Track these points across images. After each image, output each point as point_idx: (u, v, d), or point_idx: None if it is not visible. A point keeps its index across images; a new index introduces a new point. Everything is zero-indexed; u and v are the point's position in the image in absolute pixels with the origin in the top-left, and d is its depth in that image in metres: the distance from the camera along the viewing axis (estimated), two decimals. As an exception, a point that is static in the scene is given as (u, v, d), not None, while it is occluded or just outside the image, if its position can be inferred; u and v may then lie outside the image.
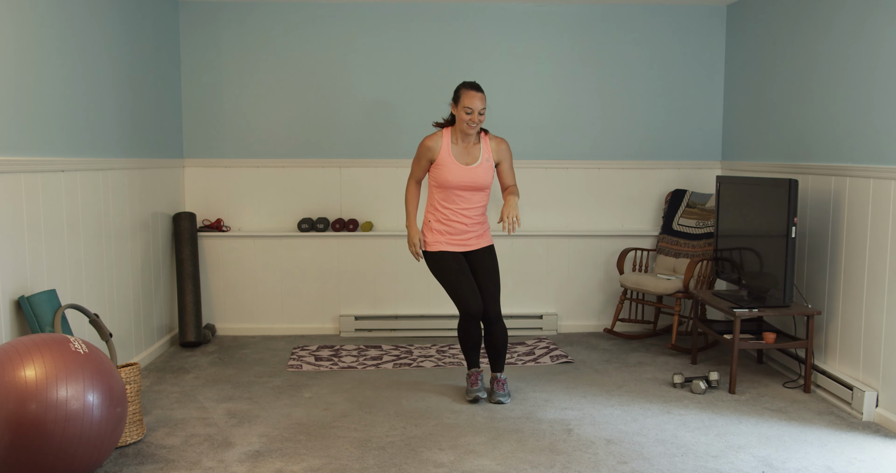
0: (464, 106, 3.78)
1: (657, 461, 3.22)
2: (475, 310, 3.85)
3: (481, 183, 3.87)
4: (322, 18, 5.40)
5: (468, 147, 3.89)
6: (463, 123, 3.79)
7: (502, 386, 4.00)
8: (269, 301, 5.49)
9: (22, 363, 2.68)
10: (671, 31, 5.52)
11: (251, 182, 5.49)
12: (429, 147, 3.89)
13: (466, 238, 3.91)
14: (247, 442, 3.41)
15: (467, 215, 3.89)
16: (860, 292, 3.89)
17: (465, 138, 3.88)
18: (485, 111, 3.80)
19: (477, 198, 3.90)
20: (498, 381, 4.01)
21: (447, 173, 3.84)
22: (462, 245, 3.91)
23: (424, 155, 3.91)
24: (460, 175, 3.83)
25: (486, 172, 3.88)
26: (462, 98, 3.79)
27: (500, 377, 4.02)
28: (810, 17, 4.38)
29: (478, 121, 3.79)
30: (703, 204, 5.33)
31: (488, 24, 5.46)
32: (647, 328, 5.56)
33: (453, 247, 3.90)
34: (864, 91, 3.88)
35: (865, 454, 3.32)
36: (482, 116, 3.79)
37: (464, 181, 3.84)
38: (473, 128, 3.81)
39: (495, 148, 3.92)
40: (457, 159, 3.85)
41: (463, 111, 3.78)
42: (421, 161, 3.93)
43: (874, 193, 3.77)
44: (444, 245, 3.90)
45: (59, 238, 3.62)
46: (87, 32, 3.93)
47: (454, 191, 3.86)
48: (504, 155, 3.94)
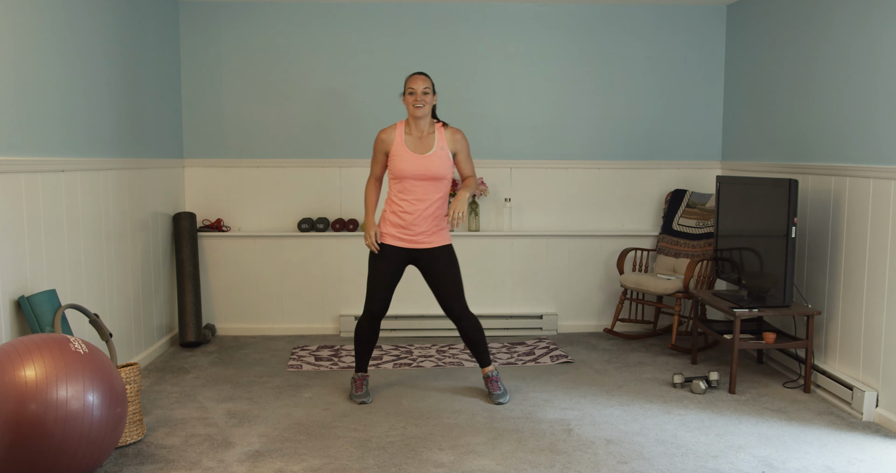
0: (407, 88, 3.81)
1: (657, 461, 3.22)
2: (376, 309, 3.90)
3: (436, 172, 3.81)
4: (322, 18, 5.40)
5: (422, 137, 3.86)
6: (409, 105, 3.81)
7: (497, 384, 3.96)
8: (269, 301, 5.49)
9: (22, 363, 2.68)
10: (671, 31, 5.52)
11: (251, 182, 5.49)
12: (383, 139, 3.88)
13: (418, 232, 3.84)
14: (247, 442, 3.41)
15: (423, 209, 3.83)
16: (860, 293, 3.89)
17: (418, 127, 3.86)
18: (430, 92, 3.79)
19: (434, 189, 3.83)
20: (490, 380, 3.97)
21: (400, 162, 3.81)
22: (413, 241, 3.86)
23: (380, 148, 3.89)
24: (414, 164, 3.80)
25: (442, 162, 3.83)
26: (406, 84, 3.84)
27: (493, 374, 3.98)
28: (810, 17, 4.38)
29: (422, 101, 3.78)
30: (703, 204, 5.33)
31: (488, 24, 5.46)
32: (647, 328, 5.56)
33: (403, 243, 3.86)
34: (864, 91, 3.88)
35: (865, 454, 3.32)
36: (426, 95, 3.78)
37: (418, 170, 3.80)
38: (419, 109, 3.78)
39: (450, 138, 3.88)
40: (410, 149, 3.83)
41: (407, 93, 3.81)
42: (377, 155, 3.92)
43: (874, 193, 3.77)
44: (393, 239, 3.86)
45: (59, 238, 3.62)
46: (87, 32, 3.93)
47: (409, 181, 3.82)
48: (460, 146, 3.90)
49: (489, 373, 4.00)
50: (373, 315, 3.92)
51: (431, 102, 3.83)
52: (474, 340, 3.95)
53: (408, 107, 3.83)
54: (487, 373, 4.00)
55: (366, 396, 3.97)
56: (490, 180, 5.52)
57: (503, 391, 3.97)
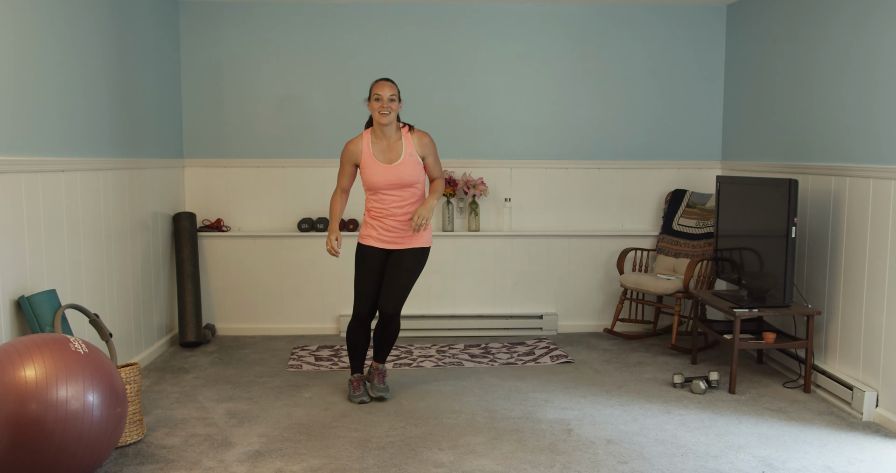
0: (373, 94, 3.76)
1: (657, 461, 3.22)
2: (364, 312, 3.90)
3: (407, 180, 3.79)
4: (322, 18, 5.40)
5: (390, 144, 3.82)
6: (375, 111, 3.75)
7: (382, 379, 4.05)
8: (269, 301, 5.49)
9: (22, 363, 2.68)
10: (671, 31, 5.52)
11: (251, 182, 5.49)
12: (350, 150, 3.84)
13: (395, 236, 3.85)
14: (247, 442, 3.41)
15: (400, 212, 3.82)
16: (860, 293, 3.89)
17: (385, 135, 3.81)
18: (396, 98, 3.74)
19: (408, 194, 3.82)
20: (378, 373, 4.05)
21: (372, 175, 3.78)
22: (390, 242, 3.87)
23: (348, 159, 3.86)
24: (384, 175, 3.77)
25: (412, 168, 3.80)
26: (372, 89, 3.78)
27: (381, 368, 4.07)
28: (810, 17, 4.38)
29: (388, 108, 3.73)
30: (703, 204, 5.33)
31: (488, 24, 5.46)
32: (647, 328, 5.56)
33: (383, 244, 3.87)
34: (864, 91, 3.88)
35: (865, 454, 3.32)
36: (392, 102, 3.72)
37: (389, 180, 3.77)
38: (385, 116, 3.73)
39: (417, 142, 3.84)
40: (378, 159, 3.79)
41: (374, 100, 3.75)
42: (345, 167, 3.88)
43: (874, 193, 3.77)
44: (373, 240, 3.87)
45: (59, 238, 3.62)
46: (87, 32, 3.93)
47: (382, 191, 3.80)
48: (428, 149, 3.87)
49: (380, 366, 4.09)
50: (361, 317, 3.93)
51: (397, 110, 3.76)
52: (388, 341, 4.04)
53: (373, 113, 3.77)
54: (378, 367, 4.08)
55: (364, 395, 3.98)
56: (490, 180, 5.52)
57: (386, 386, 4.03)
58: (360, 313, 3.93)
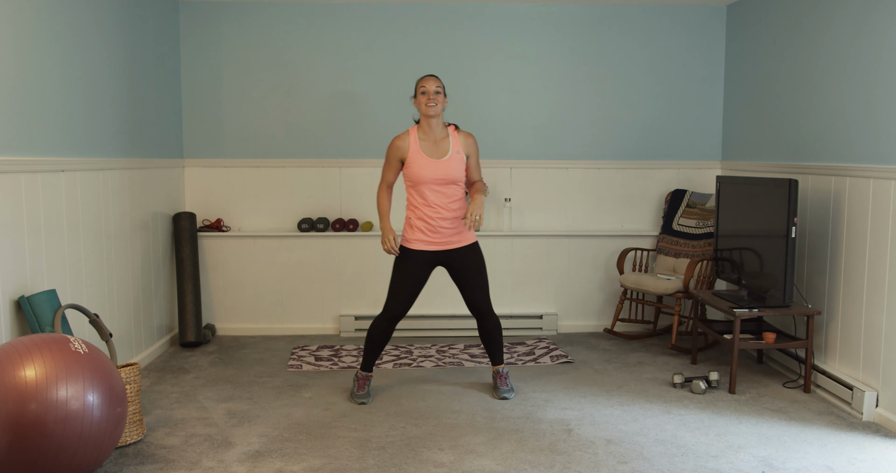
0: (420, 87, 3.83)
1: (657, 461, 3.22)
2: (396, 312, 3.90)
3: (453, 176, 3.84)
4: (322, 18, 5.40)
5: (437, 141, 3.88)
6: (422, 105, 3.82)
7: (505, 381, 4.04)
8: (269, 301, 5.49)
9: (22, 363, 2.68)
10: (671, 31, 5.52)
11: (251, 182, 5.49)
12: (398, 146, 3.88)
13: (447, 236, 3.88)
14: (247, 442, 3.41)
15: (446, 210, 3.85)
16: (860, 292, 3.89)
17: (432, 131, 3.87)
18: (441, 90, 3.82)
19: (451, 191, 3.87)
20: (500, 376, 4.05)
21: (418, 168, 3.82)
22: (443, 243, 3.88)
23: (394, 155, 3.89)
24: (431, 169, 3.82)
25: (458, 165, 3.86)
26: (417, 85, 3.86)
27: (502, 371, 4.06)
28: (810, 17, 4.38)
29: (434, 100, 3.80)
30: (703, 204, 5.33)
31: (488, 24, 5.46)
32: (647, 328, 5.56)
33: (434, 246, 3.88)
34: (865, 91, 3.88)
35: (865, 454, 3.32)
36: (438, 95, 3.81)
37: (436, 175, 3.82)
38: (432, 108, 3.80)
39: (464, 141, 3.91)
40: (426, 154, 3.85)
41: (419, 93, 3.83)
42: (391, 162, 3.92)
43: (874, 193, 3.77)
44: (424, 244, 3.87)
45: (59, 238, 3.62)
46: (87, 32, 3.93)
47: (428, 186, 3.83)
48: (472, 149, 3.93)
49: (499, 370, 4.07)
50: (391, 317, 3.92)
51: (443, 103, 3.85)
52: (493, 339, 4.03)
53: (420, 107, 3.84)
54: (498, 370, 4.08)
55: (366, 396, 3.97)
56: (490, 180, 5.52)
57: (510, 387, 4.04)
58: (393, 313, 3.90)
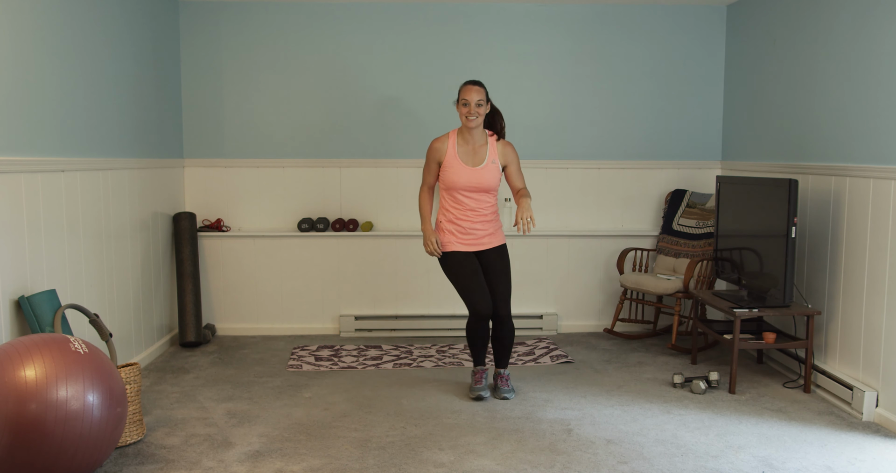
0: (461, 99, 3.86)
1: (657, 461, 3.22)
2: (485, 311, 3.91)
3: (487, 185, 3.90)
4: (322, 18, 5.40)
5: (475, 148, 3.93)
6: (463, 116, 3.86)
7: (506, 382, 4.07)
8: (269, 301, 5.49)
9: (22, 363, 2.68)
10: (671, 31, 5.52)
11: (251, 182, 5.49)
12: (436, 148, 3.95)
13: (478, 237, 3.94)
14: (247, 442, 3.41)
15: (477, 216, 3.92)
16: (860, 292, 3.89)
17: (472, 139, 3.92)
18: (484, 103, 3.85)
19: (485, 199, 3.94)
20: (501, 377, 4.08)
21: (453, 174, 3.88)
22: (475, 245, 3.95)
23: (433, 157, 3.95)
24: (466, 176, 3.88)
25: (492, 174, 3.91)
26: (460, 93, 3.89)
27: (504, 373, 4.10)
28: (810, 17, 4.38)
29: (475, 113, 3.83)
30: (703, 204, 5.33)
31: (488, 24, 5.46)
32: (647, 328, 5.56)
33: (466, 247, 3.94)
34: (864, 91, 3.88)
35: (865, 454, 3.32)
36: (480, 108, 3.83)
37: (470, 183, 3.88)
38: (472, 120, 3.84)
39: (501, 151, 3.96)
40: (463, 161, 3.90)
41: (461, 104, 3.86)
42: (430, 165, 3.97)
43: (874, 193, 3.77)
44: (456, 245, 3.94)
45: (59, 238, 3.62)
46: (87, 32, 3.93)
47: (461, 192, 3.90)
48: (511, 158, 3.97)
49: (501, 371, 4.11)
50: (482, 316, 3.93)
51: (484, 113, 3.88)
52: (505, 344, 4.07)
53: (461, 117, 3.88)
54: (500, 371, 4.11)
55: (483, 390, 4.00)
56: (490, 180, 5.52)
57: (510, 388, 4.06)
58: (479, 312, 3.91)
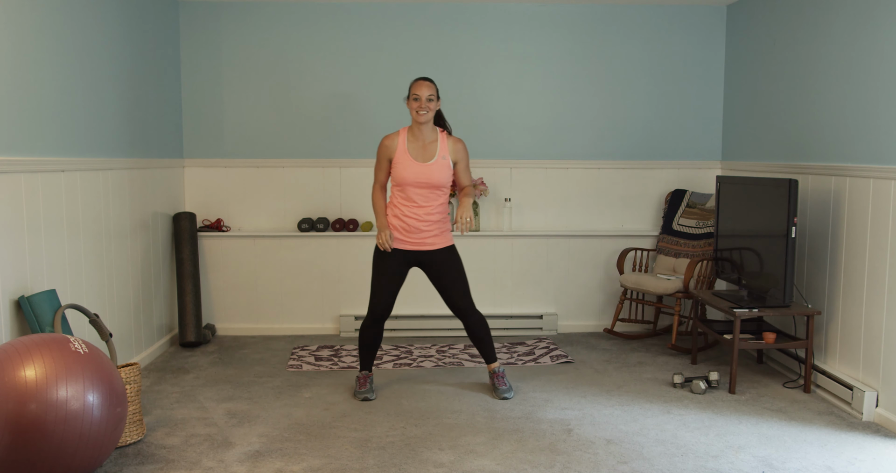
0: (412, 94, 3.86)
1: (657, 461, 3.22)
2: (380, 313, 3.94)
3: (437, 181, 3.87)
4: (322, 19, 5.40)
5: (425, 145, 3.91)
6: (413, 111, 3.85)
7: (503, 380, 4.04)
8: (269, 301, 5.49)
9: (22, 363, 2.68)
10: (671, 31, 5.52)
11: (251, 182, 5.49)
12: (386, 145, 3.92)
13: (423, 237, 3.91)
14: (247, 442, 3.41)
15: (425, 213, 3.89)
16: (860, 293, 3.89)
17: (422, 135, 3.90)
18: (434, 99, 3.84)
19: (434, 196, 3.90)
20: (496, 375, 4.06)
21: (403, 170, 3.86)
22: (418, 244, 3.92)
23: (383, 154, 3.93)
24: (416, 172, 3.85)
25: (442, 171, 3.88)
26: (410, 89, 3.88)
27: (498, 370, 4.07)
28: (810, 17, 4.38)
29: (426, 107, 3.82)
30: (703, 204, 5.33)
31: (488, 24, 5.46)
32: (647, 328, 5.56)
33: (407, 246, 3.92)
34: (864, 91, 3.88)
35: (865, 454, 3.32)
36: (430, 102, 3.83)
37: (419, 179, 3.85)
38: (423, 115, 3.83)
39: (452, 147, 3.94)
40: (413, 156, 3.88)
41: (411, 99, 3.86)
42: (381, 162, 3.96)
43: (874, 193, 3.77)
44: (398, 243, 3.91)
45: (59, 238, 3.62)
46: (87, 32, 3.93)
47: (411, 189, 3.87)
48: (460, 155, 3.95)
49: (495, 369, 4.07)
50: (376, 317, 3.97)
51: (435, 108, 3.88)
52: (480, 337, 4.03)
53: (411, 112, 3.88)
54: (493, 369, 4.07)
55: (369, 392, 4.01)
56: (490, 180, 5.52)
57: (509, 386, 4.03)
58: (376, 312, 3.94)
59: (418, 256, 3.94)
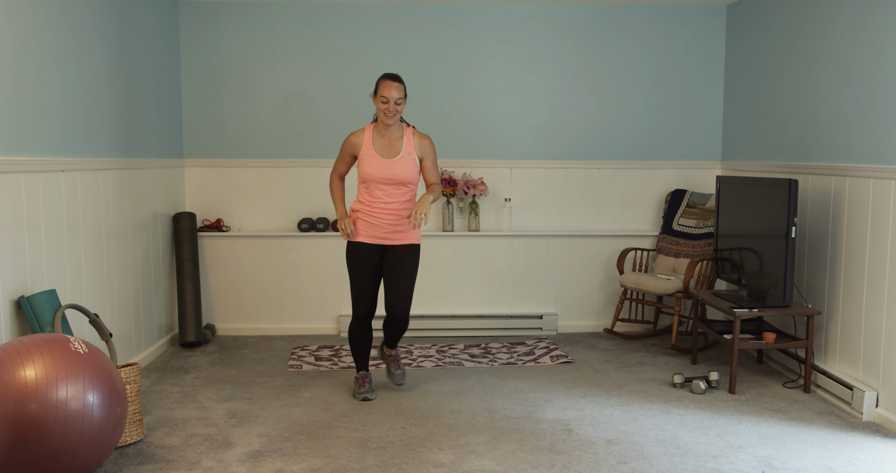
0: (380, 95, 3.77)
1: (657, 461, 3.22)
2: (363, 313, 3.92)
3: (402, 177, 3.83)
4: (322, 18, 5.40)
5: (391, 141, 3.87)
6: (381, 112, 3.79)
7: (398, 364, 4.15)
8: (269, 301, 5.49)
9: (22, 363, 2.68)
10: (671, 31, 5.52)
11: (251, 182, 5.49)
12: (352, 143, 3.90)
13: (386, 232, 3.88)
14: (247, 442, 3.41)
15: (390, 210, 3.86)
16: (860, 293, 3.89)
17: (388, 132, 3.86)
18: (403, 101, 3.78)
19: (400, 193, 3.86)
20: (392, 358, 4.16)
21: (368, 167, 3.83)
22: (381, 239, 3.89)
23: (347, 150, 3.91)
24: (382, 168, 3.82)
25: (408, 167, 3.84)
26: (379, 88, 3.79)
27: (394, 353, 4.14)
28: (810, 17, 4.38)
29: (394, 111, 3.76)
30: (703, 204, 5.33)
31: (488, 24, 5.46)
32: (647, 328, 5.56)
33: (372, 240, 3.89)
34: (864, 91, 3.88)
35: (865, 454, 3.32)
36: (399, 105, 3.77)
37: (385, 175, 3.82)
38: (390, 118, 3.78)
39: (418, 144, 3.89)
40: (378, 153, 3.85)
41: (380, 101, 3.78)
42: (345, 157, 3.94)
43: (874, 193, 3.77)
44: (364, 238, 3.89)
45: (59, 238, 3.62)
46: (87, 32, 3.93)
47: (376, 184, 3.85)
48: (427, 151, 3.90)
49: (392, 352, 4.16)
50: (362, 319, 3.97)
51: (402, 110, 3.82)
52: (399, 332, 4.07)
53: (379, 113, 3.81)
54: (391, 352, 4.16)
55: (369, 392, 4.00)
56: (490, 180, 5.52)
57: (402, 370, 4.16)
58: (359, 314, 3.95)
59: (382, 249, 3.92)
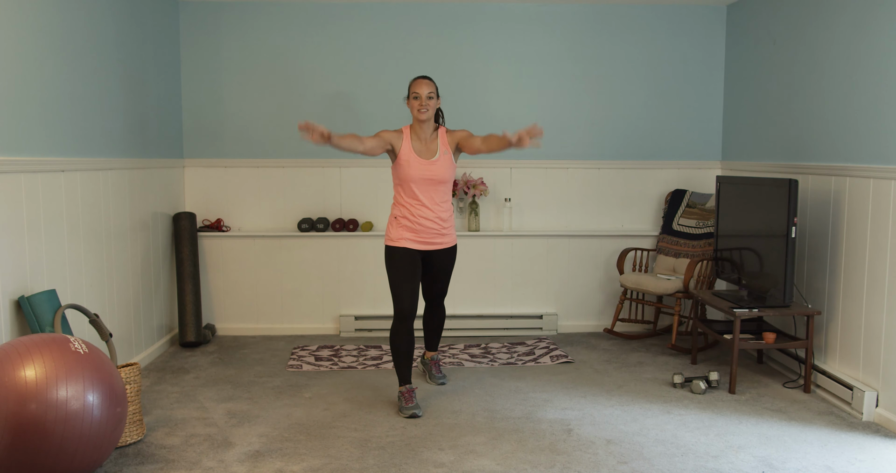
0: (412, 92, 3.89)
1: (657, 461, 3.22)
2: (408, 311, 3.85)
3: (441, 176, 3.90)
4: (322, 19, 5.40)
5: (427, 143, 3.93)
6: (414, 110, 3.88)
7: (438, 367, 4.36)
8: (269, 301, 5.49)
9: (22, 363, 2.68)
10: (671, 31, 5.52)
11: (251, 182, 5.49)
12: (391, 138, 3.88)
13: (431, 237, 3.92)
14: (247, 442, 3.41)
15: (433, 210, 3.89)
16: (860, 293, 3.89)
17: (423, 135, 3.91)
18: (434, 96, 3.86)
19: (441, 190, 3.93)
20: (434, 363, 4.33)
21: (409, 168, 3.86)
22: (427, 244, 3.92)
23: (385, 138, 3.87)
24: (422, 170, 3.87)
25: (446, 165, 3.91)
26: (410, 88, 3.91)
27: (436, 358, 4.35)
28: (811, 17, 4.38)
29: (426, 105, 3.85)
30: (703, 204, 5.33)
31: (488, 24, 5.46)
32: (647, 328, 5.56)
33: (418, 246, 3.90)
34: (865, 91, 3.88)
35: (865, 454, 3.32)
36: (430, 100, 3.85)
37: (425, 175, 3.87)
38: (423, 113, 3.85)
39: (450, 139, 3.96)
40: (417, 154, 3.89)
41: (411, 97, 3.89)
42: (379, 140, 3.85)
43: (874, 193, 3.77)
44: (408, 242, 3.89)
45: (59, 238, 3.62)
46: (88, 33, 3.93)
47: (416, 184, 3.88)
48: (459, 135, 3.94)
49: (434, 357, 4.38)
50: (405, 315, 3.84)
51: (435, 106, 3.90)
52: (436, 327, 4.30)
53: (412, 111, 3.89)
54: (432, 356, 4.38)
55: (417, 408, 3.76)
56: (490, 180, 5.52)
57: (443, 374, 4.35)
58: (403, 312, 3.83)
59: (425, 253, 3.96)
